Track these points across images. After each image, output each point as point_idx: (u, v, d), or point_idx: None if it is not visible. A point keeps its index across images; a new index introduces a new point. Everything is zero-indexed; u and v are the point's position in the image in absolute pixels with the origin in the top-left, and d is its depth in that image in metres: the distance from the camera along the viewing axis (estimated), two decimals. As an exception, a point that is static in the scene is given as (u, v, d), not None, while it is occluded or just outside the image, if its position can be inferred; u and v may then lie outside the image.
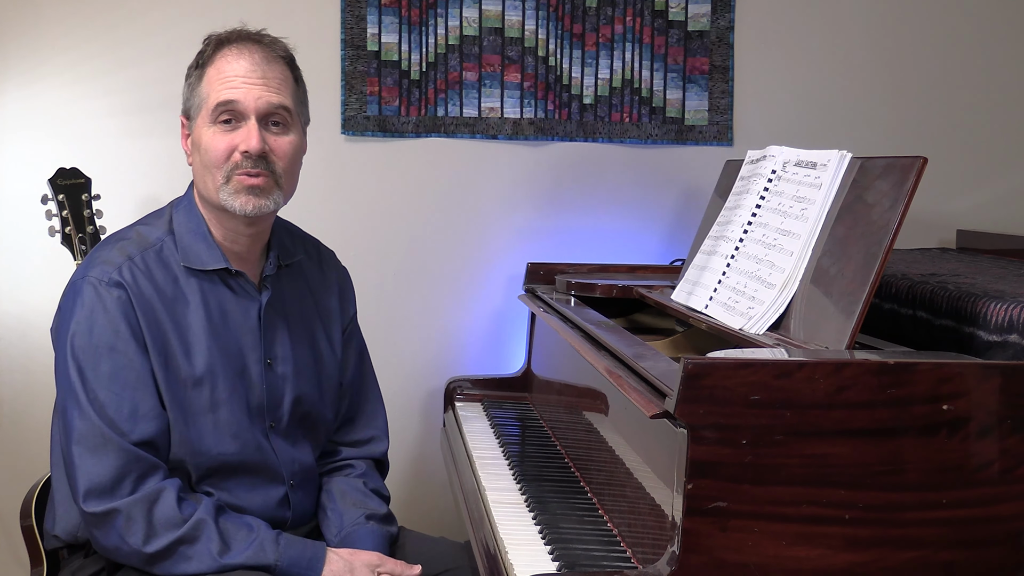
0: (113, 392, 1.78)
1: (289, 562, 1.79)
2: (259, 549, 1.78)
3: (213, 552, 1.75)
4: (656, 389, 1.52)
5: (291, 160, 1.90)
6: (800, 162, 1.90)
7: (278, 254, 1.98)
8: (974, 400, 1.41)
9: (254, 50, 1.88)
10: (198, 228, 1.91)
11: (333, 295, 2.10)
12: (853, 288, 1.62)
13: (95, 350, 1.79)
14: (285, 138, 1.89)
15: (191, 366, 1.85)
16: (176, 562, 1.75)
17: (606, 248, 2.95)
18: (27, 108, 2.80)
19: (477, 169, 2.95)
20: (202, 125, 1.87)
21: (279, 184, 1.88)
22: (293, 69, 1.93)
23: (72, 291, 1.85)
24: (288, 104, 1.89)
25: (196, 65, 1.91)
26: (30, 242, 2.72)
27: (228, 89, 1.84)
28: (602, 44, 2.94)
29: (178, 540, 1.75)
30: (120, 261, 1.84)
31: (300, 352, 1.98)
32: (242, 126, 1.85)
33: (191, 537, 1.75)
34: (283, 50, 1.92)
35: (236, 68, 1.85)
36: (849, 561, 1.39)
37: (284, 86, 1.89)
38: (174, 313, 1.85)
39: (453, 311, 2.97)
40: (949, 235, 2.94)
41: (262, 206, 1.86)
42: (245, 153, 1.84)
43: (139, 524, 1.74)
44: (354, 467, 2.06)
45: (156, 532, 1.74)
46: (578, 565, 1.61)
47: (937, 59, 3.03)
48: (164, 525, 1.75)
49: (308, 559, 1.81)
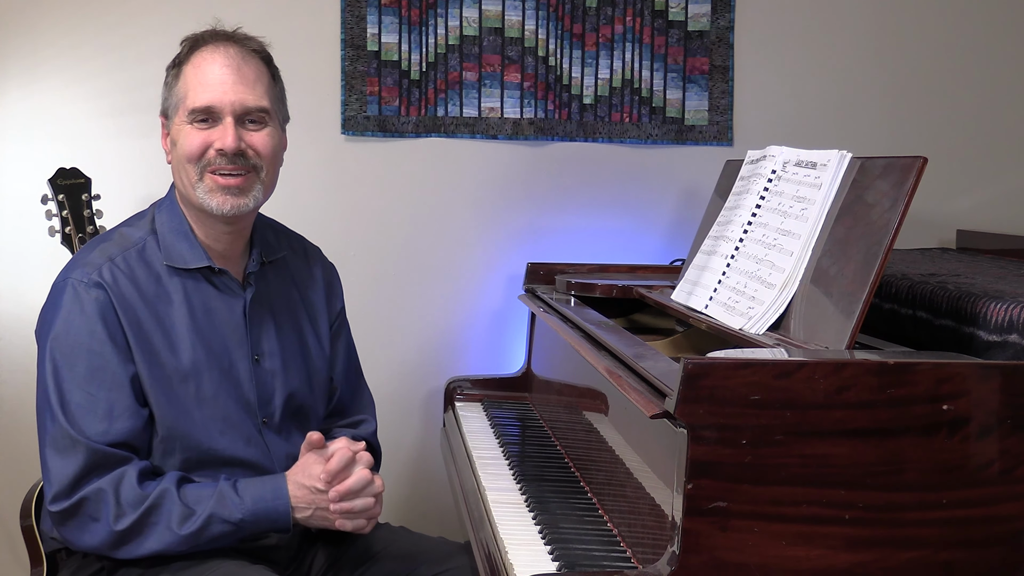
0: (88, 392, 1.79)
1: (254, 507, 1.79)
2: (219, 502, 1.78)
3: (177, 518, 1.75)
4: (656, 389, 1.52)
5: (269, 153, 1.90)
6: (800, 162, 1.90)
7: (261, 251, 1.99)
8: (974, 400, 1.41)
9: (229, 49, 1.88)
10: (180, 227, 1.92)
11: (319, 289, 2.11)
12: (853, 288, 1.62)
13: (72, 351, 1.81)
14: (262, 132, 1.89)
15: (177, 361, 1.86)
16: (145, 537, 1.76)
17: (606, 248, 2.94)
18: (27, 108, 2.80)
19: (477, 169, 2.95)
20: (179, 123, 1.88)
21: (260, 179, 1.89)
22: (269, 66, 1.94)
23: (53, 293, 1.87)
24: (265, 104, 1.89)
25: (173, 64, 1.92)
26: (30, 242, 2.72)
27: (204, 91, 1.85)
28: (602, 44, 2.94)
29: (145, 512, 1.75)
30: (101, 262, 1.85)
31: (288, 347, 1.99)
32: (218, 125, 1.86)
33: (157, 506, 1.76)
34: (258, 47, 1.92)
35: (212, 68, 1.86)
36: (849, 561, 1.39)
37: (260, 83, 1.89)
38: (156, 312, 1.86)
39: (453, 311, 2.97)
40: (949, 235, 2.94)
41: (240, 205, 1.87)
42: (220, 151, 1.85)
43: (109, 504, 1.75)
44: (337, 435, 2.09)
45: (124, 511, 1.75)
46: (578, 565, 1.61)
47: (937, 59, 3.03)
48: (130, 504, 1.75)
49: (271, 492, 1.81)
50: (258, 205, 1.92)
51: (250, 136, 1.88)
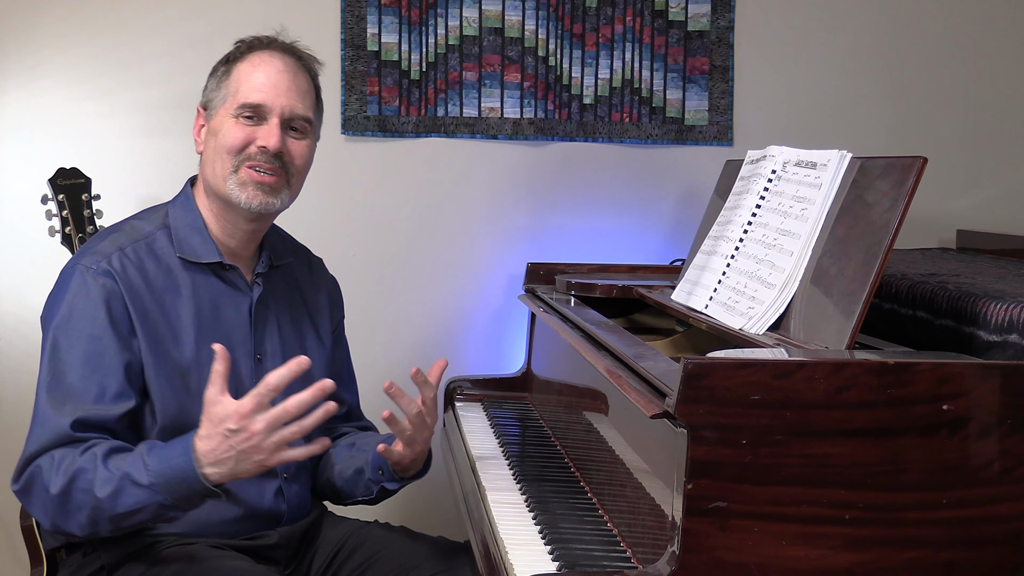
0: (83, 376, 1.80)
1: (158, 463, 1.70)
2: (132, 463, 1.72)
3: (99, 482, 1.70)
4: (656, 389, 1.52)
5: (303, 163, 1.96)
6: (800, 162, 1.90)
7: (270, 254, 2.02)
8: (974, 400, 1.41)
9: (287, 57, 1.95)
10: (194, 222, 1.94)
11: (322, 298, 2.14)
12: (853, 288, 1.62)
13: (73, 334, 1.82)
14: (302, 142, 1.95)
15: (181, 354, 1.87)
16: (76, 508, 1.72)
17: (606, 248, 2.94)
18: (27, 108, 2.80)
19: (477, 169, 2.95)
20: (223, 115, 1.91)
21: (289, 184, 1.93)
22: (316, 84, 2.00)
23: (62, 278, 1.89)
24: (311, 116, 1.96)
25: (225, 60, 1.96)
26: (30, 242, 2.72)
27: (256, 91, 1.90)
28: (602, 44, 2.94)
29: (73, 475, 1.72)
30: (111, 251, 1.87)
31: (290, 349, 2.00)
32: (264, 124, 1.90)
33: (82, 470, 1.72)
34: (311, 64, 1.99)
35: (268, 71, 1.91)
36: (849, 561, 1.39)
37: (308, 96, 1.96)
38: (163, 303, 1.88)
39: (453, 311, 2.97)
40: (949, 235, 2.94)
41: (269, 204, 1.91)
42: (263, 148, 1.89)
43: (51, 469, 1.73)
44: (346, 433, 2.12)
45: (57, 475, 1.73)
46: (578, 565, 1.61)
47: (937, 59, 3.03)
48: (64, 469, 1.72)
49: (179, 447, 1.71)
50: (283, 208, 1.96)
51: (291, 142, 1.93)
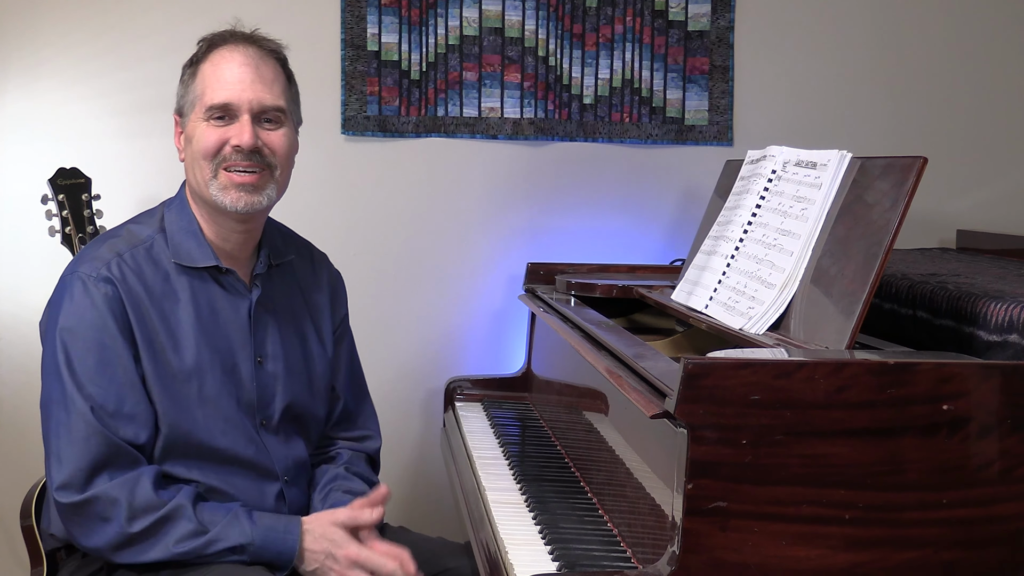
0: (100, 386, 1.79)
1: (264, 534, 1.78)
2: (233, 523, 1.78)
3: (187, 534, 1.75)
4: (656, 389, 1.52)
5: (284, 153, 1.92)
6: (800, 162, 1.90)
7: (269, 253, 1.99)
8: (974, 400, 1.41)
9: (248, 48, 1.89)
10: (189, 226, 1.92)
11: (324, 294, 2.11)
12: (853, 288, 1.62)
13: (84, 344, 1.80)
14: (278, 131, 1.90)
15: (180, 360, 1.86)
16: (151, 546, 1.75)
17: (606, 248, 2.94)
18: (27, 108, 2.80)
19: (477, 169, 2.95)
20: (195, 120, 1.88)
21: (274, 177, 1.90)
22: (285, 68, 1.95)
23: (61, 286, 1.87)
24: (281, 104, 1.90)
25: (190, 63, 1.92)
26: (30, 242, 2.72)
27: (221, 90, 1.86)
28: (602, 44, 2.94)
29: (160, 519, 1.75)
30: (109, 257, 1.86)
31: (291, 351, 1.99)
32: (235, 122, 1.87)
33: (171, 517, 1.75)
34: (275, 48, 1.94)
35: (230, 67, 1.87)
36: (849, 561, 1.39)
37: (277, 83, 1.91)
38: (162, 309, 1.86)
39: (453, 311, 2.97)
40: (949, 235, 2.94)
41: (254, 203, 1.88)
42: (236, 147, 1.85)
43: (121, 506, 1.75)
44: (341, 455, 2.08)
45: (137, 514, 1.75)
46: (578, 565, 1.61)
47: (937, 59, 3.03)
48: (144, 508, 1.75)
49: (283, 526, 1.80)
50: (271, 204, 1.92)
51: (266, 135, 1.89)
